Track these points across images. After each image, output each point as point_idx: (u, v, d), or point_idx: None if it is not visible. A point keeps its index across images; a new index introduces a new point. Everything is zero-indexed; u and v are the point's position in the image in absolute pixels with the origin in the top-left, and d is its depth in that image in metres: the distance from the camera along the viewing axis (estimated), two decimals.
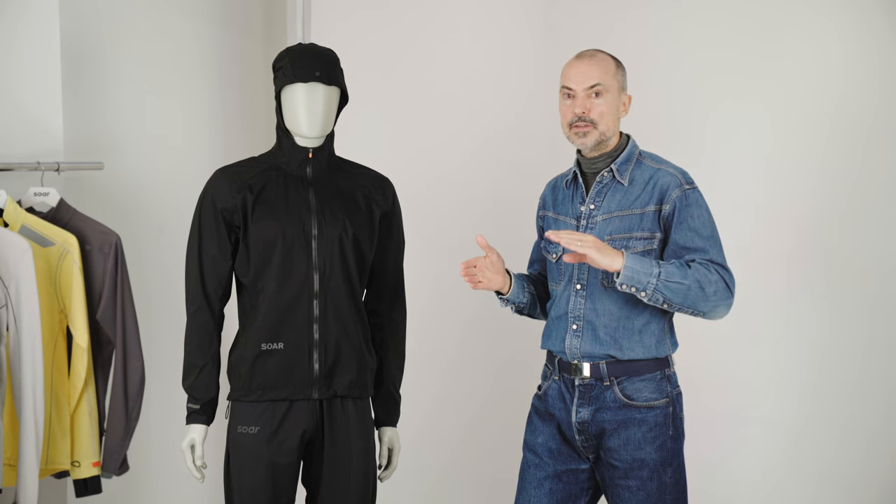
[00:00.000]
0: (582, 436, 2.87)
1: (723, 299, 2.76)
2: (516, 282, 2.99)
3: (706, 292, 2.73)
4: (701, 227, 2.80)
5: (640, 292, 2.72)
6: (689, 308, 2.75)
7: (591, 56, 2.87)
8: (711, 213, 2.84)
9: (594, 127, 2.82)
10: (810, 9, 3.97)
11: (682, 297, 2.73)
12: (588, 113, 2.82)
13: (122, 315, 3.33)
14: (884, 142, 3.84)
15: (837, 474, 3.95)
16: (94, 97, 3.82)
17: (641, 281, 2.71)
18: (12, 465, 3.20)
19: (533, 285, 3.05)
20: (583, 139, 2.84)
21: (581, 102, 2.83)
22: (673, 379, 2.88)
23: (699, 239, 2.79)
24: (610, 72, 2.85)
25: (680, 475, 2.87)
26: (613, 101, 2.84)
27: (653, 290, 2.71)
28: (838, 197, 3.93)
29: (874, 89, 3.84)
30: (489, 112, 4.36)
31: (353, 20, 4.16)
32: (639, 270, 2.71)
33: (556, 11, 4.40)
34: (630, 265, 2.71)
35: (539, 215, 3.07)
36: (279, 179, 2.94)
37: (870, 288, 3.89)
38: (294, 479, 2.94)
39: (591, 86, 2.83)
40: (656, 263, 2.73)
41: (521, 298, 3.01)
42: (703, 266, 2.75)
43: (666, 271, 2.72)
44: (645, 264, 2.72)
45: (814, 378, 3.99)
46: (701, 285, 2.73)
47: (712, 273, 2.75)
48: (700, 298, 2.74)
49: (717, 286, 2.74)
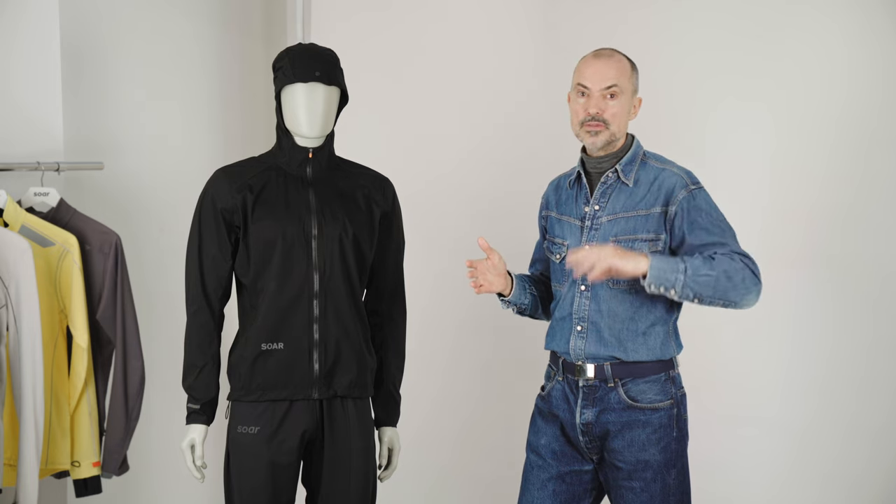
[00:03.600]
0: (586, 437, 2.86)
1: (752, 285, 2.74)
2: (518, 283, 2.98)
3: (734, 281, 2.72)
4: (712, 225, 2.78)
5: (670, 290, 2.70)
6: (720, 299, 2.73)
7: (609, 56, 2.85)
8: (719, 209, 2.83)
9: (606, 127, 2.82)
10: (813, 9, 3.96)
11: (713, 288, 2.71)
12: (602, 113, 2.81)
13: (122, 315, 3.33)
14: (888, 144, 3.84)
15: (841, 475, 3.95)
16: (94, 97, 3.82)
17: (669, 279, 2.70)
18: (12, 465, 3.20)
19: (535, 286, 3.04)
20: (593, 138, 2.83)
21: (596, 102, 2.82)
22: (677, 380, 2.87)
23: (713, 235, 2.77)
24: (626, 73, 2.84)
25: (684, 476, 2.87)
26: (626, 103, 2.84)
27: (682, 286, 2.70)
28: (842, 198, 3.93)
29: (878, 90, 3.84)
30: (489, 112, 4.36)
31: (353, 20, 4.16)
32: (665, 269, 2.70)
33: (556, 12, 4.40)
34: (656, 265, 2.70)
35: (542, 215, 3.06)
36: (279, 179, 2.94)
37: (874, 289, 3.89)
38: (294, 479, 2.94)
39: (608, 86, 2.82)
40: (680, 259, 2.72)
41: (522, 300, 3.00)
42: (727, 256, 2.74)
43: (692, 265, 2.71)
44: (670, 262, 2.71)
45: (818, 379, 3.98)
46: (728, 275, 2.71)
47: (736, 262, 2.73)
48: (729, 288, 2.72)
49: (743, 273, 2.73)
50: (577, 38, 3.79)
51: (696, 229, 2.78)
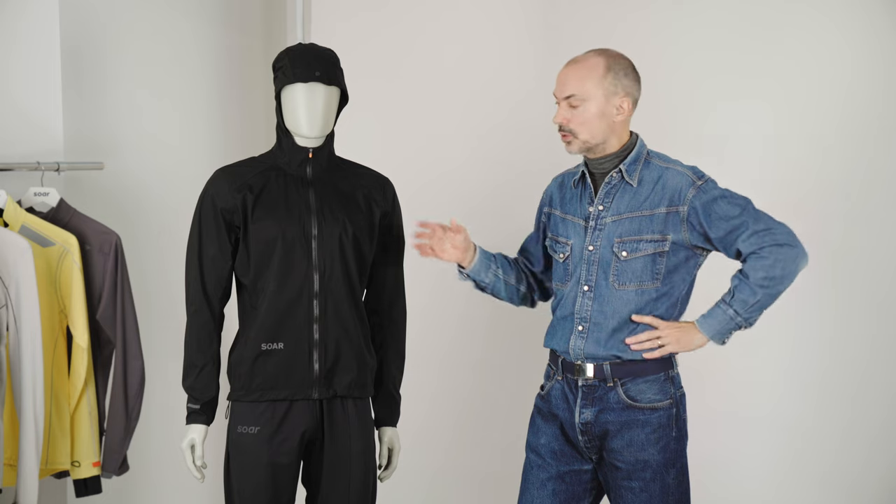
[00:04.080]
0: (585, 437, 2.86)
1: (792, 264, 2.73)
2: (482, 260, 2.97)
3: (777, 277, 2.73)
4: (730, 211, 2.76)
5: (738, 330, 2.80)
6: (780, 294, 2.76)
7: (575, 63, 2.84)
8: (731, 190, 2.81)
9: (574, 136, 2.82)
10: (812, 8, 3.96)
11: (767, 300, 2.75)
12: (567, 123, 2.82)
13: (122, 315, 3.33)
14: (888, 142, 3.84)
15: (840, 475, 3.95)
16: (94, 97, 3.82)
17: (730, 328, 2.79)
18: (12, 465, 3.20)
19: (505, 269, 3.02)
20: (568, 146, 2.85)
21: (561, 112, 2.83)
22: (676, 380, 2.87)
23: (734, 221, 2.76)
24: (592, 78, 2.79)
25: (683, 476, 2.87)
26: (596, 110, 2.80)
27: (745, 321, 2.78)
28: (842, 197, 3.93)
29: (878, 88, 3.84)
30: (489, 112, 4.36)
31: (353, 21, 4.15)
32: (719, 327, 2.79)
33: (556, 13, 4.40)
34: (709, 333, 2.79)
35: (544, 211, 3.04)
36: (279, 179, 2.94)
37: (874, 288, 3.89)
38: (294, 480, 2.94)
39: (567, 96, 2.82)
40: (725, 303, 2.77)
41: (482, 278, 2.99)
42: (755, 258, 2.74)
43: (737, 302, 2.76)
44: (718, 315, 2.78)
45: (817, 378, 3.99)
46: (768, 280, 2.73)
47: (766, 256, 2.73)
48: (778, 284, 2.74)
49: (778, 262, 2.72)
50: (577, 39, 3.78)
51: (716, 221, 2.76)
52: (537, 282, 3.09)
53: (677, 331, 2.79)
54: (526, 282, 3.07)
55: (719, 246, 2.79)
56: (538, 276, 3.09)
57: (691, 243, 2.80)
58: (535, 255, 3.09)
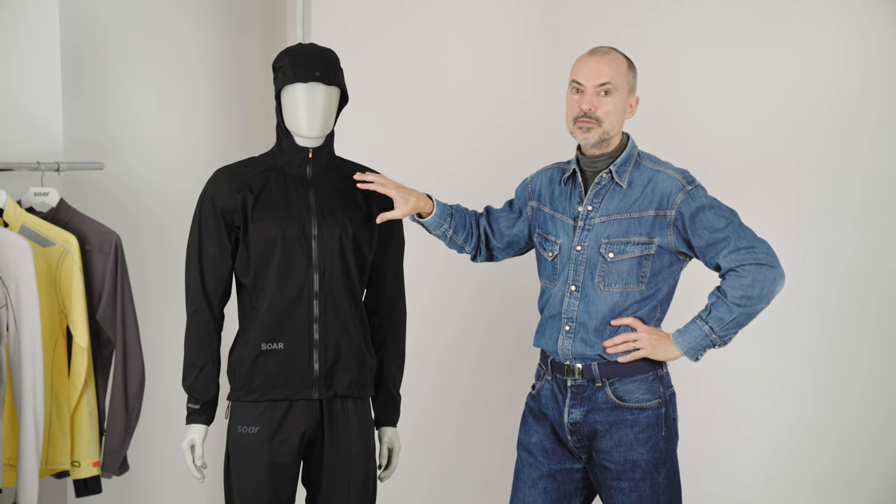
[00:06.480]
0: (574, 436, 2.86)
1: (770, 285, 2.74)
2: (435, 218, 2.96)
3: (754, 297, 2.74)
4: (715, 222, 2.77)
5: (712, 348, 2.80)
6: (755, 315, 2.78)
7: (604, 53, 2.84)
8: (719, 201, 2.81)
9: (598, 125, 2.80)
10: (811, 8, 3.97)
11: (743, 318, 2.76)
12: (595, 110, 2.80)
13: (122, 315, 3.33)
14: (886, 140, 3.85)
15: (834, 475, 3.95)
16: (94, 97, 3.82)
17: (704, 345, 2.80)
18: (12, 465, 3.20)
19: (454, 230, 3.01)
20: (585, 134, 2.81)
21: (589, 99, 2.80)
22: (665, 380, 2.87)
23: (717, 234, 2.76)
24: (621, 71, 2.82)
25: (673, 476, 2.86)
26: (621, 102, 2.82)
27: (719, 340, 2.79)
28: (842, 195, 3.94)
29: (878, 87, 3.85)
30: (489, 113, 4.36)
31: (353, 21, 4.16)
32: (693, 343, 2.80)
33: (556, 16, 4.40)
34: (683, 348, 2.80)
35: (531, 205, 3.01)
36: (279, 179, 2.94)
37: (870, 288, 3.89)
38: (294, 480, 2.94)
39: (602, 83, 2.80)
40: (701, 319, 2.78)
41: (433, 230, 2.99)
42: (734, 276, 2.75)
43: (713, 319, 2.77)
44: (694, 331, 2.79)
45: (811, 378, 3.99)
46: (745, 299, 2.74)
47: (745, 276, 2.74)
48: (755, 304, 2.75)
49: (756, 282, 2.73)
50: (577, 41, 3.78)
51: (700, 230, 2.77)
52: (487, 249, 3.09)
53: (655, 338, 2.79)
54: (475, 244, 3.06)
55: (699, 255, 2.80)
56: (491, 246, 3.08)
57: (675, 248, 2.81)
58: (502, 234, 3.06)
